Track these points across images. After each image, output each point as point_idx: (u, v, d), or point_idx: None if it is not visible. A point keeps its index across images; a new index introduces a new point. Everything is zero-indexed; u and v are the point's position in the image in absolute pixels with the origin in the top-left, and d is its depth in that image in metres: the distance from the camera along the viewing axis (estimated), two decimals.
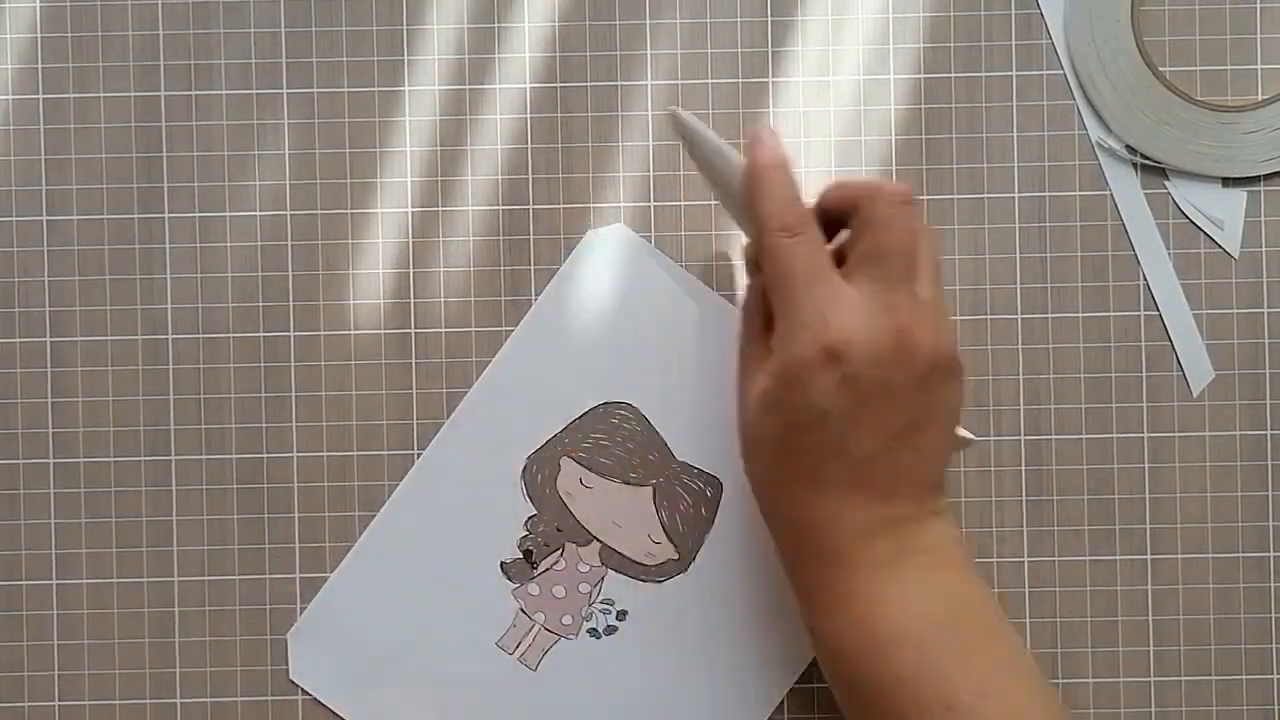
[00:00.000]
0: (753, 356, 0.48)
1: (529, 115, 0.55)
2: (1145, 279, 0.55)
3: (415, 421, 0.54)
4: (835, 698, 0.48)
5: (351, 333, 0.55)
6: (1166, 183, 0.55)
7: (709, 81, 0.55)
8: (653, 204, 0.55)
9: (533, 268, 0.55)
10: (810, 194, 0.48)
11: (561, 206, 0.55)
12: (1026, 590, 0.54)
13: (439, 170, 0.55)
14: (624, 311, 0.54)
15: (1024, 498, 0.55)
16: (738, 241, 0.54)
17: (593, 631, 0.54)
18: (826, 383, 0.45)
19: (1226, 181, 0.54)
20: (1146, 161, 0.54)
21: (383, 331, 0.55)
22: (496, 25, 0.55)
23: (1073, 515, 0.55)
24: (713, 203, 0.54)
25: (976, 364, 0.55)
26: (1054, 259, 0.55)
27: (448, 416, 0.54)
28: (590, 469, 0.54)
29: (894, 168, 0.55)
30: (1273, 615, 0.54)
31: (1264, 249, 0.54)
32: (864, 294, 0.45)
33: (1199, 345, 0.54)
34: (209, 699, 0.54)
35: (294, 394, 0.55)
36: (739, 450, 0.48)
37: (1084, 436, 0.55)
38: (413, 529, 0.54)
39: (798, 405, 0.45)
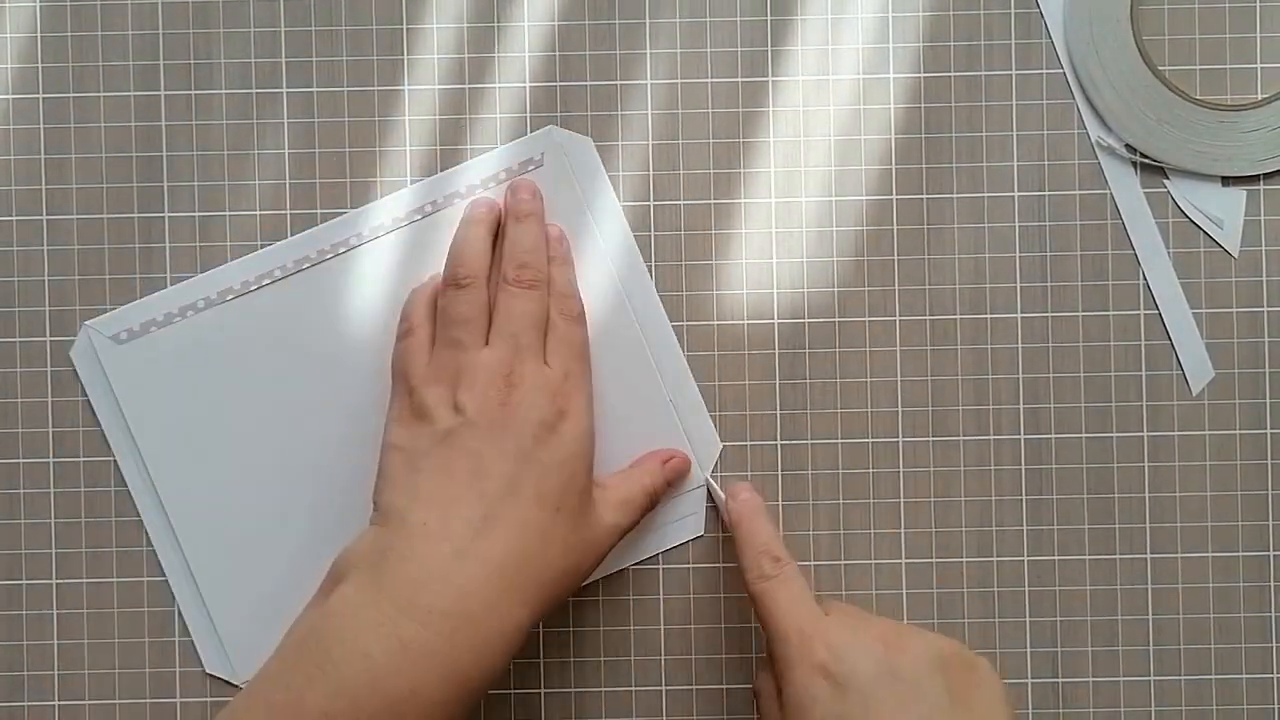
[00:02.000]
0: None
1: (529, 114, 0.55)
2: (1145, 278, 0.55)
3: None
4: None
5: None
6: (1166, 182, 0.55)
7: (709, 81, 0.55)
8: (653, 204, 0.55)
9: None
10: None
11: None
12: (1026, 589, 0.54)
13: (439, 169, 0.55)
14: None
15: (1024, 497, 0.55)
16: (738, 242, 0.55)
17: None
18: (827, 699, 0.45)
19: (1226, 180, 0.54)
20: (1146, 160, 0.54)
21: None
22: (496, 24, 0.55)
23: (1073, 514, 0.55)
24: (713, 202, 0.55)
25: (976, 363, 0.55)
26: (1054, 258, 0.55)
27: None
28: None
29: (893, 166, 0.55)
30: (1272, 614, 0.54)
31: (1264, 248, 0.54)
32: (843, 616, 0.47)
33: (1199, 344, 0.54)
34: (209, 698, 0.54)
35: None
36: None
37: (1084, 435, 0.54)
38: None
39: None
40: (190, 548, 0.54)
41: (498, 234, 0.53)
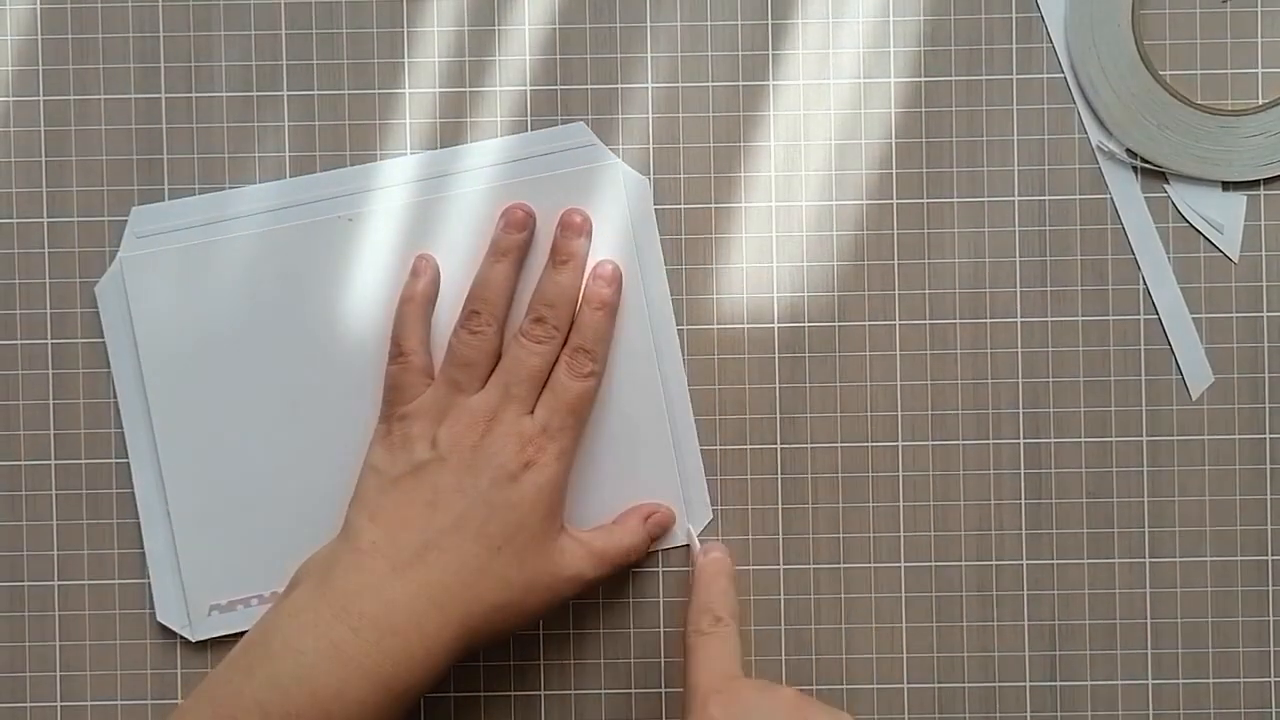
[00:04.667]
0: None
1: (529, 117, 0.55)
2: (1145, 283, 0.55)
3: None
4: None
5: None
6: (1166, 186, 0.55)
7: (709, 84, 0.55)
8: (653, 208, 0.55)
9: None
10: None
11: None
12: (1025, 593, 0.55)
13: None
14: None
15: (1023, 501, 0.55)
16: (738, 245, 0.55)
17: None
18: None
19: (1226, 185, 0.54)
20: (1146, 165, 0.54)
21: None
22: (497, 28, 0.55)
23: (1072, 518, 0.55)
24: (713, 206, 0.55)
25: (976, 367, 0.55)
26: (1054, 262, 0.55)
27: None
28: None
29: (894, 170, 0.55)
30: (1271, 618, 0.55)
31: (1264, 253, 0.54)
32: (756, 682, 0.48)
33: (1198, 349, 0.54)
34: None
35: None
36: None
37: (1083, 440, 0.55)
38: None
39: None
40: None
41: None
